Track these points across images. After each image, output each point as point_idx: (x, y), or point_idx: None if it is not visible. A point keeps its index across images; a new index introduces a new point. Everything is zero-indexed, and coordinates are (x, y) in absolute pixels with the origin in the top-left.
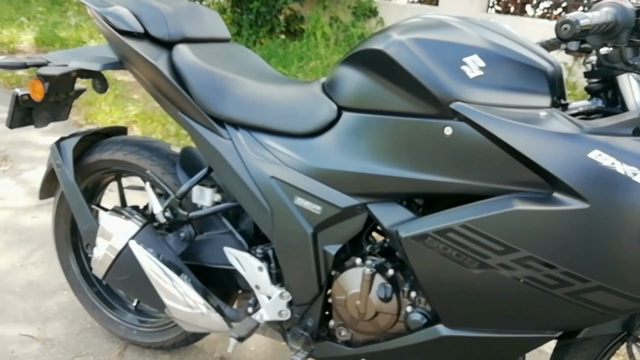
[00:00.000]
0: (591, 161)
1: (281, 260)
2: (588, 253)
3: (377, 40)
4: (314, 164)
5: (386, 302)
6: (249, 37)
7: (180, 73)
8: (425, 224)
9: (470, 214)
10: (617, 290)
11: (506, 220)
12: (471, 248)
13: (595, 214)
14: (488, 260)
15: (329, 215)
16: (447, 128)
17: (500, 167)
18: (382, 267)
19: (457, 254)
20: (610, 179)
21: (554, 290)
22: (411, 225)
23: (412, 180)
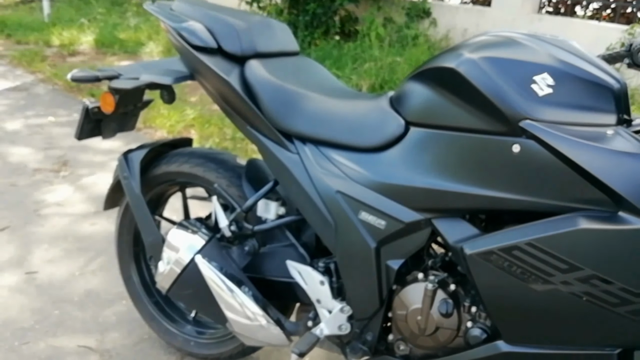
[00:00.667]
0: None
1: (343, 274)
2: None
3: (449, 58)
4: (379, 179)
5: (447, 317)
6: (304, 39)
7: (252, 88)
8: (491, 241)
9: (536, 232)
10: None
11: (572, 239)
12: (536, 266)
13: None
14: (552, 278)
15: (393, 230)
16: (515, 145)
17: (566, 185)
18: (444, 282)
19: (521, 272)
20: None
21: (615, 308)
22: (477, 242)
23: (478, 197)
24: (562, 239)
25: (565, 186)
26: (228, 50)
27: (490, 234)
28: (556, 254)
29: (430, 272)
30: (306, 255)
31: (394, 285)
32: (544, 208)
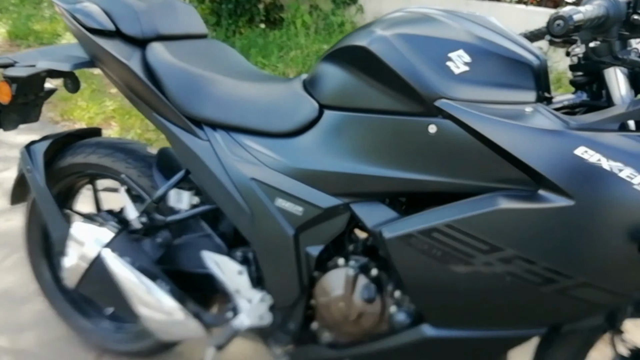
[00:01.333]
0: (577, 158)
1: (262, 263)
2: (574, 250)
3: (360, 37)
4: (295, 164)
5: (370, 302)
6: (228, 27)
7: (155, 73)
8: (410, 224)
9: (455, 213)
10: (601, 286)
11: (491, 219)
12: (456, 248)
13: (581, 211)
14: (473, 259)
15: (311, 216)
16: (431, 126)
17: (485, 164)
18: (366, 267)
19: (442, 254)
20: (596, 175)
21: (539, 287)
22: (395, 226)
23: (396, 180)
24: (482, 220)
25: (483, 166)
26: (127, 33)
27: (409, 217)
28: (476, 235)
29: (352, 257)
30: (223, 245)
31: (315, 272)
32: (463, 189)
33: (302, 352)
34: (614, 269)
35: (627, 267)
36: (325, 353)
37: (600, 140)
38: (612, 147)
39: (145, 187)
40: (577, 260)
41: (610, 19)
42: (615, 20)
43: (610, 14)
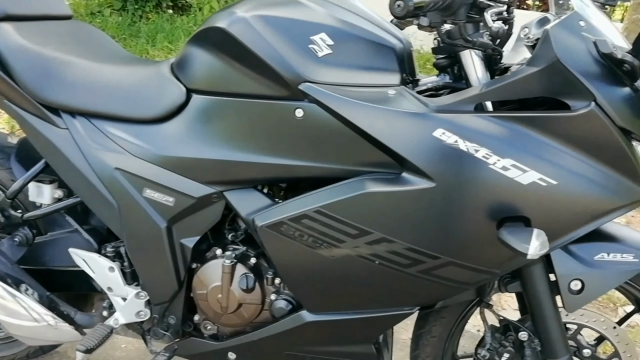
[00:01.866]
0: (436, 140)
1: (134, 258)
2: (437, 231)
3: (221, 18)
4: (163, 152)
5: (249, 292)
6: (134, 12)
7: (2, 56)
8: (281, 211)
9: (323, 198)
10: (466, 265)
11: (358, 203)
12: (326, 233)
13: (442, 192)
14: (343, 244)
15: (183, 206)
16: (298, 110)
17: (351, 148)
18: (244, 256)
19: (313, 240)
20: (454, 156)
21: (407, 269)
22: (267, 214)
23: (266, 166)
24: (349, 204)
25: (350, 150)
26: None
27: (280, 204)
28: (344, 219)
29: (230, 247)
30: (92, 240)
31: (194, 263)
32: (333, 173)
33: (184, 347)
34: (476, 248)
35: (487, 246)
36: (208, 346)
37: (457, 122)
38: (468, 127)
39: (3, 180)
40: (441, 240)
41: (456, 1)
42: (461, 2)
43: None
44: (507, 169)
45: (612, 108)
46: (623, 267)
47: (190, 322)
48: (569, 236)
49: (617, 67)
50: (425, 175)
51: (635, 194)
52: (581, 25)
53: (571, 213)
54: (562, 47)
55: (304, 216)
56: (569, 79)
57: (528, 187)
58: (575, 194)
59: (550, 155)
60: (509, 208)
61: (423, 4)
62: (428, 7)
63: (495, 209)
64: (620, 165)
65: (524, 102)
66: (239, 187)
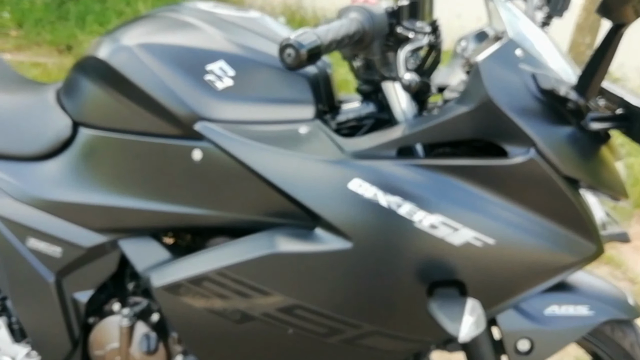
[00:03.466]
0: (351, 193)
1: (20, 314)
2: (358, 297)
3: (102, 46)
4: (47, 195)
5: (151, 354)
6: None
7: None
8: (178, 270)
9: (225, 257)
10: (394, 334)
11: (265, 265)
12: (231, 298)
13: (360, 254)
14: (252, 311)
15: (73, 257)
16: (195, 151)
17: (256, 197)
18: (145, 313)
19: (218, 306)
20: (373, 213)
21: (326, 339)
22: (164, 272)
23: (161, 214)
24: (256, 265)
25: (255, 198)
26: None
27: (179, 261)
28: (251, 283)
29: (131, 299)
30: None
31: (91, 318)
32: (238, 224)
33: None
34: (404, 316)
35: (417, 313)
36: None
37: (376, 170)
38: (389, 178)
39: None
40: (363, 307)
41: (367, 34)
42: (374, 35)
43: (366, 29)
44: (435, 227)
45: (556, 155)
46: (576, 322)
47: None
48: (511, 301)
49: (561, 105)
50: (340, 233)
51: (586, 249)
52: (517, 56)
53: (513, 275)
54: (495, 83)
55: (205, 278)
56: (503, 122)
57: (461, 248)
58: (516, 254)
59: (485, 209)
60: (439, 272)
61: (320, 47)
62: (329, 49)
63: (423, 273)
64: (566, 219)
65: (459, 142)
66: (135, 235)
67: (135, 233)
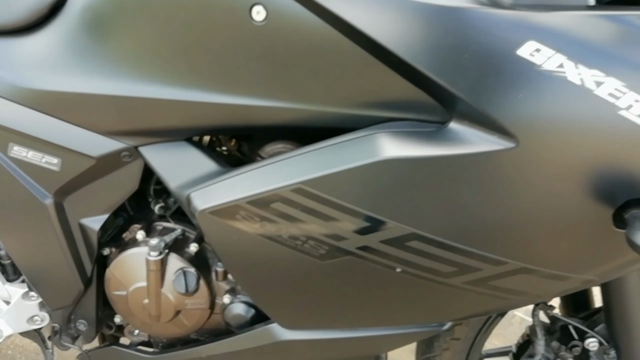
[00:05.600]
0: (524, 62)
1: (10, 249)
2: (506, 221)
3: None
4: (33, 84)
5: (190, 295)
6: None
7: None
8: (234, 187)
9: (306, 168)
10: (550, 272)
11: (369, 178)
12: (312, 225)
13: (525, 157)
14: (343, 242)
15: (77, 171)
16: (257, 9)
17: (352, 75)
18: (179, 243)
19: (291, 236)
20: (556, 92)
21: (448, 279)
22: (211, 190)
23: (205, 107)
24: (353, 179)
25: (350, 78)
26: None
27: (232, 174)
28: (345, 205)
29: (158, 225)
30: None
31: (106, 249)
32: (322, 120)
33: (101, 358)
34: (574, 247)
35: (594, 243)
36: (136, 359)
37: (563, 30)
38: (582, 41)
39: None
40: (514, 238)
41: None
42: None
43: None
44: None
45: None
46: None
47: (110, 322)
48: None
49: None
50: (496, 127)
51: None
52: None
53: None
54: None
55: (276, 197)
56: None
57: None
58: None
59: None
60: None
61: None
62: None
63: (620, 187)
64: None
65: None
66: (163, 139)
67: (164, 137)
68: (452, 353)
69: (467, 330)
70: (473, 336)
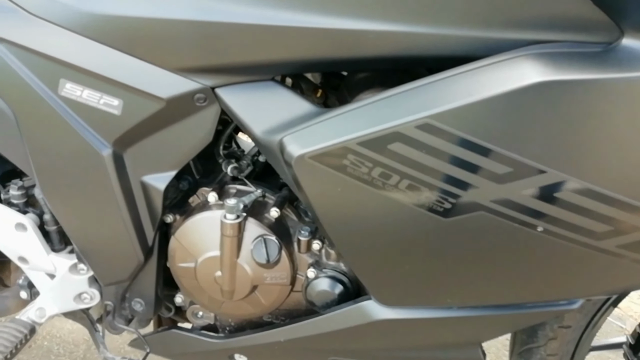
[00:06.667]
0: None
1: (57, 212)
2: None
3: None
4: (93, 7)
5: (271, 267)
6: None
7: None
8: (341, 127)
9: (438, 99)
10: None
11: (515, 107)
12: (439, 174)
13: None
14: (475, 194)
15: (142, 116)
16: None
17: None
18: (259, 206)
19: (409, 187)
20: None
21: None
22: (311, 132)
23: (306, 32)
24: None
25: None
26: None
27: (334, 114)
28: (483, 144)
29: (231, 187)
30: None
31: (168, 215)
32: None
33: (159, 344)
34: None
35: None
36: (201, 344)
37: None
38: None
39: None
40: None
41: None
42: None
43: None
44: None
45: None
46: None
47: (169, 303)
48: None
49: None
50: None
51: None
52: None
53: None
54: None
55: (395, 136)
56: None
57: None
58: None
59: None
60: None
61: None
62: None
63: None
64: None
65: None
66: (246, 78)
67: (248, 74)
68: (559, 343)
69: (579, 317)
70: (584, 324)
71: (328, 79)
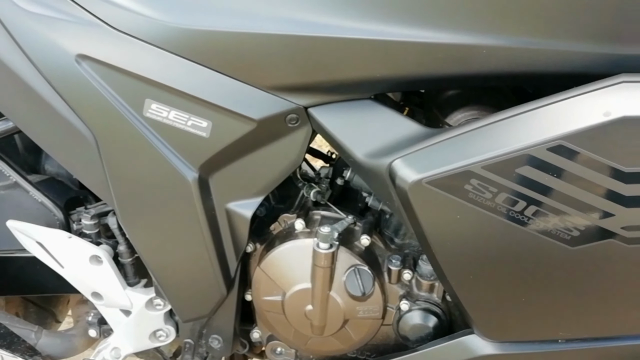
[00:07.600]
0: None
1: (136, 241)
2: None
3: None
4: (183, 22)
5: (363, 299)
6: None
7: None
8: (461, 149)
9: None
10: None
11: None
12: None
13: None
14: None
15: (231, 138)
16: None
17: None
18: (347, 233)
19: (535, 213)
20: None
21: None
22: (425, 155)
23: (419, 47)
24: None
25: None
26: None
27: (461, 131)
28: (617, 166)
29: (316, 213)
30: (51, 204)
31: (251, 245)
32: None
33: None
34: None
35: None
36: None
37: None
38: None
39: None
40: None
41: None
42: None
43: None
44: None
45: None
46: None
47: (244, 339)
48: None
49: None
50: None
51: None
52: None
53: None
54: None
55: (524, 159)
56: None
57: None
58: None
59: None
60: None
61: None
62: None
63: None
64: None
65: None
66: (343, 97)
67: (348, 93)
68: None
69: None
70: None
71: (408, 96)
